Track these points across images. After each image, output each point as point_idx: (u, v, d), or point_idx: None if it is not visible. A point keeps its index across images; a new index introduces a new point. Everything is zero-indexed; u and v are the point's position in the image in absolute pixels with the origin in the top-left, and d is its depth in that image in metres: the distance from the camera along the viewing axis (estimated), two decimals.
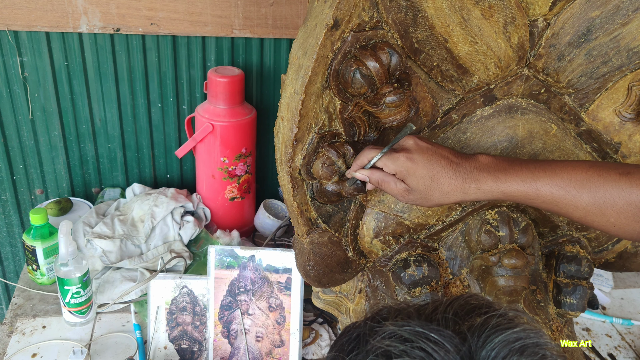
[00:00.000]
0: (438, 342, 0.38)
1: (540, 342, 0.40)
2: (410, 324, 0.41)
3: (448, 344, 0.38)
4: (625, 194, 0.60)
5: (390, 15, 0.69)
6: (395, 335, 0.40)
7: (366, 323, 0.45)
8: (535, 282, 0.87)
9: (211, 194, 1.37)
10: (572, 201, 0.62)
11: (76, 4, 1.23)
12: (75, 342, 1.06)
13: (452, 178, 0.66)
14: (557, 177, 0.62)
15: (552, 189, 0.62)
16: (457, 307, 0.43)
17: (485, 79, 0.76)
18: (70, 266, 1.03)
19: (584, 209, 0.62)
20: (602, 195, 0.61)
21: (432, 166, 0.66)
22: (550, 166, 0.64)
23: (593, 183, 0.61)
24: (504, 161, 0.66)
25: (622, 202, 0.60)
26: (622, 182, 0.60)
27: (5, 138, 1.35)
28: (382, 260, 0.86)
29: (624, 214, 0.60)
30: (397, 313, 0.44)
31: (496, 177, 0.64)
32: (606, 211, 0.61)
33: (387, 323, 0.42)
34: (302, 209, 0.79)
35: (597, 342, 1.19)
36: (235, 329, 1.04)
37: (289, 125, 0.73)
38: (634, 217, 0.60)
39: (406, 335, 0.40)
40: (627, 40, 0.73)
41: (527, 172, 0.64)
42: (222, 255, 1.02)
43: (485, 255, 0.83)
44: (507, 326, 0.40)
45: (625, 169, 0.61)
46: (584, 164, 0.63)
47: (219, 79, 1.25)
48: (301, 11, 1.34)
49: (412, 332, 0.40)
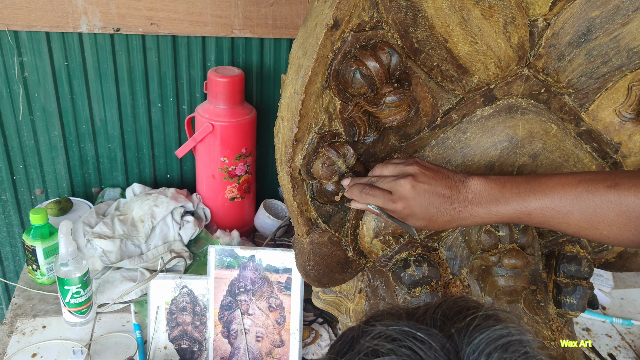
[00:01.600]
0: (424, 341, 0.39)
1: (523, 339, 0.40)
2: (398, 324, 0.42)
3: (434, 342, 0.39)
4: (615, 206, 0.61)
5: (390, 15, 0.69)
6: (384, 334, 0.41)
7: (359, 326, 0.46)
8: (535, 282, 0.87)
9: (211, 194, 1.37)
10: (563, 220, 0.64)
11: (76, 4, 1.23)
12: (75, 342, 1.06)
13: (447, 214, 0.68)
14: (546, 199, 0.64)
15: (543, 211, 0.64)
16: (445, 309, 0.44)
17: (485, 79, 0.76)
18: (70, 266, 1.03)
19: (576, 225, 0.64)
20: (593, 210, 0.62)
21: (429, 210, 0.68)
22: (540, 187, 0.65)
23: (582, 200, 0.63)
24: (495, 187, 0.67)
25: (612, 214, 0.61)
26: (611, 194, 0.61)
27: (5, 138, 1.35)
28: (382, 260, 0.86)
29: (616, 225, 0.62)
30: (388, 315, 0.45)
31: (488, 209, 0.67)
32: (598, 225, 0.63)
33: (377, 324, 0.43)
34: (302, 209, 0.79)
35: (597, 342, 1.19)
36: (235, 329, 1.04)
37: (289, 125, 0.73)
38: (626, 226, 0.61)
39: (394, 334, 0.41)
40: (627, 40, 0.73)
41: (517, 198, 0.65)
42: (222, 255, 1.02)
43: (485, 255, 0.83)
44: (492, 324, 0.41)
45: (614, 180, 0.62)
46: (573, 179, 0.64)
47: (219, 79, 1.25)
48: (301, 11, 1.34)
49: (400, 331, 0.41)
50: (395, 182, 0.69)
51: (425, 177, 0.68)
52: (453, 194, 0.68)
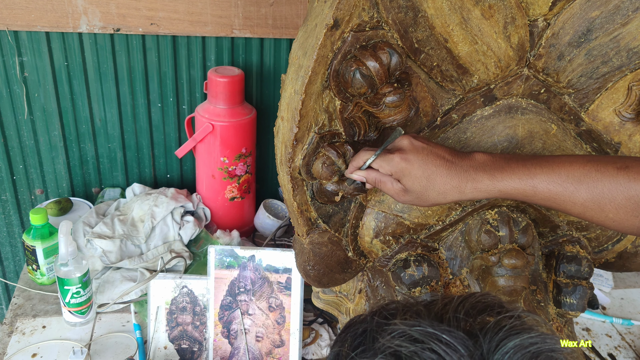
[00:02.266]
0: (450, 344, 0.38)
1: (555, 348, 0.39)
2: (421, 323, 0.40)
3: (460, 346, 0.37)
4: (624, 189, 0.59)
5: (390, 15, 0.69)
6: (406, 334, 0.39)
7: (373, 318, 0.44)
8: (535, 282, 0.87)
9: (211, 194, 1.37)
10: (570, 197, 0.61)
11: (76, 4, 1.23)
12: (75, 342, 1.06)
13: (448, 178, 0.65)
14: (554, 174, 0.61)
15: (549, 186, 0.62)
16: (468, 306, 0.42)
17: (485, 79, 0.76)
18: (70, 266, 1.03)
19: (582, 204, 0.61)
20: (600, 190, 0.60)
21: (427, 166, 0.65)
22: (547, 162, 0.63)
23: (591, 178, 0.60)
24: (501, 159, 0.65)
25: (621, 197, 0.59)
26: (620, 177, 0.59)
27: (5, 138, 1.35)
28: (382, 260, 0.86)
29: (623, 209, 0.59)
30: (405, 309, 0.43)
31: (492, 176, 0.64)
32: (605, 206, 0.60)
33: (396, 321, 0.41)
34: (302, 209, 0.79)
35: (597, 342, 1.19)
36: (235, 329, 1.04)
37: (289, 125, 0.73)
38: (633, 211, 0.59)
39: (417, 335, 0.39)
40: (627, 40, 0.73)
41: (523, 170, 0.63)
42: (222, 255, 1.02)
43: (485, 255, 0.83)
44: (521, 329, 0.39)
45: (624, 162, 0.60)
46: (581, 158, 0.62)
47: (219, 79, 1.25)
48: (301, 11, 1.34)
49: (423, 332, 0.39)
50: (384, 157, 0.69)
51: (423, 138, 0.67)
52: (455, 159, 0.65)
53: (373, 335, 0.42)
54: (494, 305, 0.42)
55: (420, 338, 0.38)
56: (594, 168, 0.60)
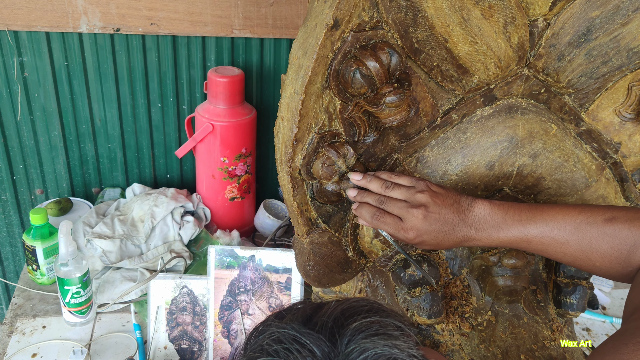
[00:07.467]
0: (306, 346, 0.42)
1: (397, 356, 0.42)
2: (290, 326, 0.44)
3: (316, 348, 0.42)
4: (609, 239, 0.64)
5: (390, 15, 0.69)
6: (275, 336, 0.44)
7: (270, 319, 0.48)
8: (535, 282, 0.87)
9: (211, 194, 1.37)
10: (560, 249, 0.67)
11: (76, 4, 1.23)
12: (75, 342, 1.06)
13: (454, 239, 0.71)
14: (547, 227, 0.67)
15: (542, 239, 0.67)
16: (338, 312, 0.45)
17: (485, 79, 0.76)
18: (70, 266, 1.03)
19: (572, 255, 0.67)
20: (588, 242, 0.65)
21: (438, 236, 0.70)
22: (542, 215, 0.68)
23: (580, 231, 0.66)
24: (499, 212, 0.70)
25: (606, 246, 0.64)
26: (607, 228, 0.64)
27: (5, 138, 1.35)
28: (382, 260, 0.86)
29: (608, 257, 0.65)
30: (294, 312, 0.47)
31: (490, 235, 0.70)
32: (592, 256, 0.65)
33: (273, 323, 0.45)
34: (302, 209, 0.79)
35: (597, 342, 1.19)
36: (235, 329, 1.04)
37: (289, 125, 0.73)
38: (617, 259, 0.64)
39: (282, 337, 0.43)
40: (627, 40, 0.73)
41: (518, 225, 0.68)
42: (222, 255, 1.02)
43: (485, 255, 0.83)
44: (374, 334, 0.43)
45: (611, 214, 0.65)
46: (573, 210, 0.67)
47: (219, 79, 1.25)
48: (301, 11, 1.34)
49: (287, 334, 0.43)
50: (407, 211, 0.70)
51: (436, 206, 0.70)
52: (460, 219, 0.70)
53: (254, 335, 0.47)
54: (361, 310, 0.46)
55: (282, 339, 0.43)
56: (584, 221, 0.66)
